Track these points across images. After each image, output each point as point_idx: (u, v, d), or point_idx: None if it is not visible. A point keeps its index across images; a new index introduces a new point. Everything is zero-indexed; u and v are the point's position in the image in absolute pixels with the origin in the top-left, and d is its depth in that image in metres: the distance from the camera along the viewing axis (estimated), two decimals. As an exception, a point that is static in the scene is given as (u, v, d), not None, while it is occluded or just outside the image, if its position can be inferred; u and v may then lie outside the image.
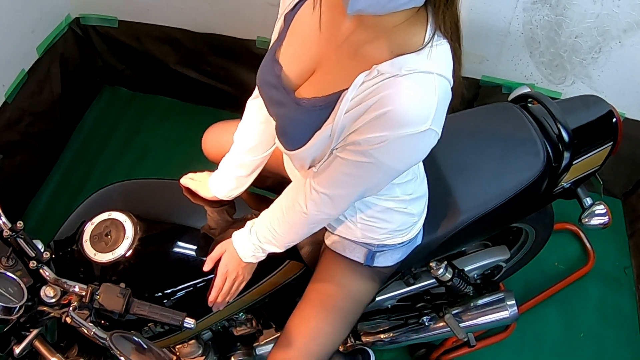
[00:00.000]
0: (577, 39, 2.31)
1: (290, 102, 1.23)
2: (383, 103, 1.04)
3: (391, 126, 1.05)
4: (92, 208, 1.53)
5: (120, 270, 1.44)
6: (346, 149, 1.16)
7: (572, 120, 1.71)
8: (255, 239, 1.45)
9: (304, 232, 1.42)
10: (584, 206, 1.86)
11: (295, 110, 1.22)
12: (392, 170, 1.17)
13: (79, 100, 3.12)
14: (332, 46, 1.20)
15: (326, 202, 1.28)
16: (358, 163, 1.16)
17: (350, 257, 1.57)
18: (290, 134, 1.25)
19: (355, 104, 1.10)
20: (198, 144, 1.87)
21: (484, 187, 1.68)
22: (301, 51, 1.24)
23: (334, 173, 1.22)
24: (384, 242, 1.54)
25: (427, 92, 1.04)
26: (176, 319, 1.28)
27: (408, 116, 1.04)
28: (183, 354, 1.77)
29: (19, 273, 1.29)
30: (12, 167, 2.62)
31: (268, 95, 1.31)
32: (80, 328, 1.26)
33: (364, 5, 0.97)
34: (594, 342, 2.52)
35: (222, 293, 1.50)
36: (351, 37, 1.15)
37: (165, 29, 2.86)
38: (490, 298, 2.09)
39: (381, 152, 1.10)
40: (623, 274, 2.71)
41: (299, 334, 1.56)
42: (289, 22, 1.28)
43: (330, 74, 1.20)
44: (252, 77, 1.44)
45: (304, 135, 1.21)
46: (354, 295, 1.60)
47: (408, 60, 1.05)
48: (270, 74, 1.27)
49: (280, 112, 1.28)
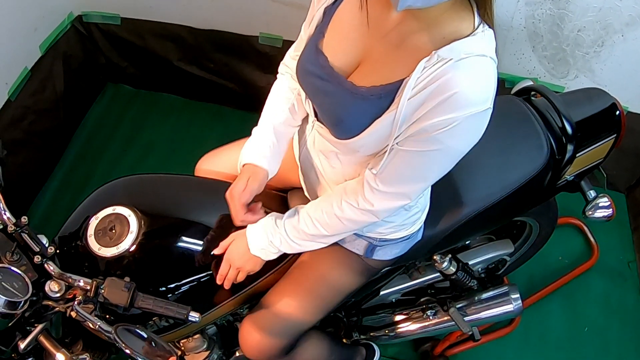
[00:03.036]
0: (579, 33, 2.31)
1: (342, 91, 1.24)
2: (447, 87, 1.09)
3: (459, 107, 1.09)
4: (96, 203, 1.53)
5: (125, 264, 1.44)
6: (410, 140, 1.18)
7: (576, 113, 1.71)
8: (282, 230, 1.44)
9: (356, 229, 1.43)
10: (587, 199, 1.86)
11: (351, 99, 1.23)
12: (457, 153, 1.19)
13: (82, 97, 3.13)
14: (377, 38, 1.22)
15: (399, 199, 1.30)
16: (424, 152, 1.18)
17: (349, 248, 1.58)
18: (346, 122, 1.26)
19: (418, 90, 1.13)
20: (201, 140, 1.88)
21: (488, 180, 1.68)
22: (346, 43, 1.26)
23: (400, 168, 1.24)
24: (386, 236, 1.54)
25: (487, 73, 1.11)
26: (181, 313, 1.28)
27: (474, 96, 1.09)
28: (188, 349, 1.77)
29: (24, 268, 1.29)
30: (16, 165, 2.62)
31: (312, 86, 1.32)
32: (85, 322, 1.27)
33: (413, 2, 1.01)
34: (598, 336, 2.51)
35: (227, 279, 1.51)
36: (399, 28, 1.18)
37: (168, 26, 2.86)
38: (494, 292, 2.09)
39: (449, 136, 1.13)
40: (627, 268, 2.71)
41: (271, 304, 1.60)
42: (329, 15, 1.30)
43: (384, 65, 1.21)
44: (255, 73, 1.45)
45: (361, 123, 1.23)
46: (335, 284, 1.62)
47: (465, 44, 1.10)
48: (315, 65, 1.29)
49: (329, 102, 1.29)
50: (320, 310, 1.64)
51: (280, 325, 1.60)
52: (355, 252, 1.59)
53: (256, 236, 1.47)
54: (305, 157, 1.53)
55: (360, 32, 1.25)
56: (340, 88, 1.25)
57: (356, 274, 1.62)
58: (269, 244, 1.46)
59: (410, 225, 1.56)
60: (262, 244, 1.46)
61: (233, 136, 1.81)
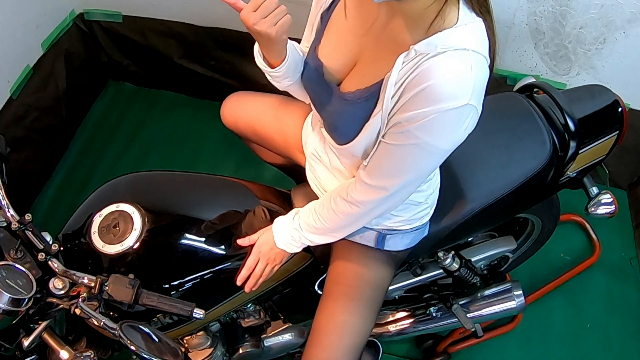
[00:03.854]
0: (581, 30, 2.31)
1: (335, 98, 1.26)
2: (421, 79, 1.07)
3: (431, 101, 1.06)
4: (100, 200, 1.53)
5: (129, 261, 1.44)
6: (389, 133, 1.18)
7: (578, 109, 1.70)
8: (297, 224, 1.47)
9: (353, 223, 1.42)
10: (590, 195, 1.86)
11: (341, 105, 1.24)
12: (437, 150, 1.16)
13: (84, 95, 3.13)
14: (369, 38, 1.22)
15: (378, 193, 1.29)
16: (401, 146, 1.16)
17: (361, 242, 1.58)
18: (341, 129, 1.28)
19: (399, 86, 1.12)
20: (203, 137, 1.88)
21: (491, 177, 1.68)
22: (340, 46, 1.27)
23: (381, 161, 1.24)
24: (396, 228, 1.55)
25: (464, 67, 1.06)
26: (185, 310, 1.28)
27: (447, 90, 1.05)
28: (191, 346, 1.78)
29: (28, 265, 1.29)
30: (19, 162, 2.62)
31: (313, 92, 1.34)
32: (90, 319, 1.27)
33: None
34: (600, 333, 2.52)
35: (254, 273, 1.52)
36: (387, 26, 1.18)
37: (170, 24, 2.86)
38: (497, 288, 2.09)
39: (424, 130, 1.11)
40: (629, 265, 2.71)
41: (329, 331, 1.54)
42: (326, 20, 1.30)
43: (371, 65, 1.22)
44: (256, 71, 1.44)
45: (354, 128, 1.24)
46: (373, 281, 1.59)
47: (442, 37, 1.08)
48: (313, 71, 1.30)
49: (327, 109, 1.30)
50: (374, 312, 1.60)
51: (350, 344, 1.54)
52: (367, 244, 1.58)
53: (280, 230, 1.50)
54: (313, 155, 1.55)
55: (354, 36, 1.25)
56: (332, 94, 1.26)
57: (385, 264, 1.60)
58: (290, 239, 1.48)
59: (417, 220, 1.56)
60: (285, 238, 1.49)
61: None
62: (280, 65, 1.34)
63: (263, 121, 1.82)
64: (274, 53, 1.31)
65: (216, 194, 1.66)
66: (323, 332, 1.54)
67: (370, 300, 1.58)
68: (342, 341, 1.53)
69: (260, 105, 1.85)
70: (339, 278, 1.59)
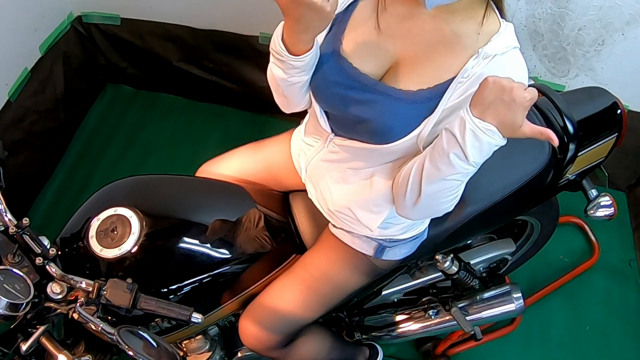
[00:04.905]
0: (580, 32, 2.31)
1: (385, 97, 1.24)
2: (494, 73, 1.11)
3: None
4: (97, 204, 1.53)
5: (127, 266, 1.43)
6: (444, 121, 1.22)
7: (577, 112, 1.70)
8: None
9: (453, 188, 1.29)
10: (589, 198, 1.86)
11: (397, 104, 1.23)
12: None
13: (82, 98, 3.12)
14: (410, 39, 1.23)
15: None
16: None
17: (359, 249, 1.58)
18: (394, 127, 1.25)
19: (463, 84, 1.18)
20: (202, 140, 1.88)
21: (490, 180, 1.67)
22: (373, 47, 1.26)
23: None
24: (396, 236, 1.55)
25: (523, 63, 1.21)
26: (184, 314, 1.27)
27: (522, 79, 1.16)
28: (190, 350, 1.77)
29: (25, 270, 1.28)
30: (17, 166, 2.62)
31: (340, 97, 1.29)
32: (88, 324, 1.26)
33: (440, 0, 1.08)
34: (600, 335, 2.51)
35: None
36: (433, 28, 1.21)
37: (168, 26, 2.86)
38: (496, 291, 2.08)
39: None
40: (628, 267, 2.71)
41: (272, 300, 1.61)
42: (344, 21, 1.29)
43: (426, 66, 1.23)
44: (255, 73, 1.44)
45: (410, 126, 1.24)
46: (338, 282, 1.62)
47: (502, 39, 1.18)
48: (340, 74, 1.28)
49: (369, 110, 1.26)
50: (320, 307, 1.64)
51: (278, 320, 1.60)
52: (364, 252, 1.58)
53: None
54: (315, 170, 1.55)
55: (388, 34, 1.25)
56: (382, 94, 1.24)
57: (361, 274, 1.62)
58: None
59: (419, 224, 1.57)
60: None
61: (233, 136, 1.82)
62: (306, 53, 1.23)
63: (248, 174, 1.79)
64: (308, 36, 1.19)
65: (214, 197, 1.66)
66: (266, 299, 1.62)
67: (325, 296, 1.62)
68: (274, 314, 1.60)
69: (236, 162, 1.80)
70: (309, 263, 1.63)
